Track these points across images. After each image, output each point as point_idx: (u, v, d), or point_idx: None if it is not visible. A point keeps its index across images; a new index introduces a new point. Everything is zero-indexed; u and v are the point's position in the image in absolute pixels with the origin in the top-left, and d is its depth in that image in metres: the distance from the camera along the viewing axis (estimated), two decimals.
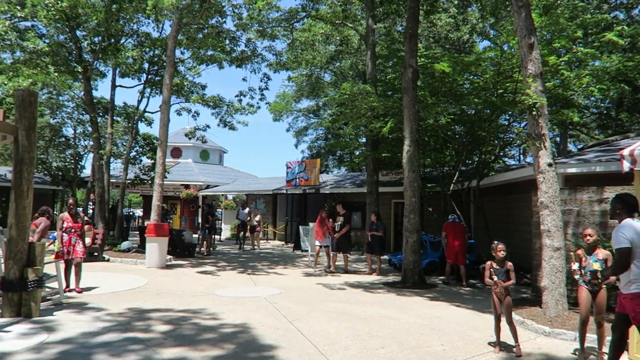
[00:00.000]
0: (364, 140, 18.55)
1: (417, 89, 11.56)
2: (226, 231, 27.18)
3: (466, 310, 8.15)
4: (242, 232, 19.50)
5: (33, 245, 6.80)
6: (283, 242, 23.51)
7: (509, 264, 5.56)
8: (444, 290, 10.27)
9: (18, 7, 14.17)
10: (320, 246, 13.09)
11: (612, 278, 4.94)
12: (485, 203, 14.45)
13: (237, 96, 19.45)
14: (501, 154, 16.03)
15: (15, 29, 15.05)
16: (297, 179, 22.20)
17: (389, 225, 19.29)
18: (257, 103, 19.41)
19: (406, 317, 7.35)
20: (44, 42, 15.77)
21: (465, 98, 13.03)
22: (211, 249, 17.00)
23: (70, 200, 8.91)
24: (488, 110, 13.17)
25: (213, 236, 17.82)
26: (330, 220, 13.14)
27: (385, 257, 14.53)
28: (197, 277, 11.31)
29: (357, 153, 22.78)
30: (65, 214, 8.66)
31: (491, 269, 5.64)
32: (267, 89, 18.97)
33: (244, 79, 38.36)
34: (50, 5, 13.46)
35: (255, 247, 18.34)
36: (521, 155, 29.18)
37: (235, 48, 16.87)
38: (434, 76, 12.78)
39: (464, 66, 12.36)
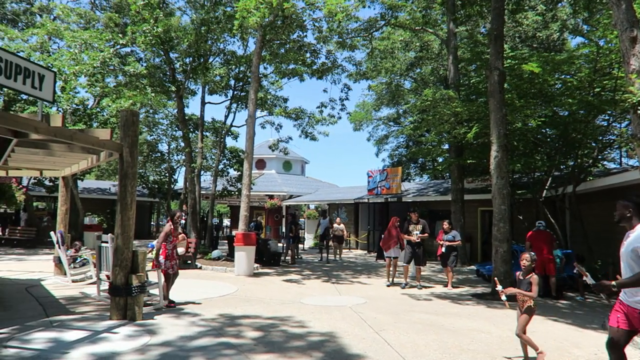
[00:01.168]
0: (447, 147, 18.11)
1: (504, 92, 11.09)
2: (309, 240, 27.62)
3: (564, 325, 7.63)
4: (325, 242, 19.71)
5: (136, 254, 7.35)
6: (365, 251, 23.43)
7: (534, 277, 5.31)
8: (538, 303, 9.68)
9: (120, 35, 15.52)
10: (390, 257, 11.90)
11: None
12: (583, 210, 13.47)
13: (318, 107, 19.85)
14: (600, 157, 14.91)
15: (118, 55, 16.48)
16: (379, 188, 22.09)
17: (476, 234, 18.58)
18: (338, 113, 19.67)
19: (498, 331, 7.02)
20: (142, 65, 17.11)
21: (557, 99, 12.31)
22: (295, 257, 17.36)
23: (177, 214, 8.82)
24: (583, 111, 12.33)
25: (297, 245, 18.19)
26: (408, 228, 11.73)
27: (473, 267, 13.99)
28: (283, 285, 11.59)
29: (440, 160, 22.26)
30: (171, 226, 8.53)
31: (518, 279, 5.51)
32: (347, 99, 19.17)
33: (324, 90, 38.71)
34: (147, 31, 14.60)
35: (338, 256, 18.46)
36: (623, 158, 26.91)
37: (315, 60, 17.23)
38: (522, 77, 12.22)
39: (554, 65, 11.70)
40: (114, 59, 15.62)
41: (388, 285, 11.57)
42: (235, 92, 19.78)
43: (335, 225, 19.34)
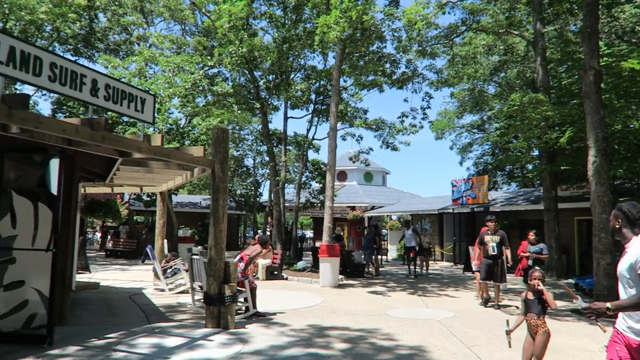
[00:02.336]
0: (537, 153, 17.15)
1: (600, 92, 10.35)
2: (392, 252, 27.27)
3: None
4: (410, 254, 19.36)
5: (228, 265, 7.68)
6: (451, 263, 22.70)
7: (549, 295, 4.70)
8: None
9: (208, 57, 16.46)
10: (479, 271, 10.60)
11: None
12: None
13: (399, 117, 19.65)
14: None
15: (207, 76, 17.46)
16: (464, 198, 21.36)
17: (572, 245, 17.35)
18: (420, 122, 19.36)
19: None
20: (229, 84, 18.00)
21: None
22: (379, 269, 17.21)
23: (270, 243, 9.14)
24: None
25: (380, 257, 18.04)
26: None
27: (571, 280, 13.06)
28: (368, 297, 11.54)
29: (530, 167, 21.10)
30: (260, 250, 8.93)
31: (525, 300, 4.89)
32: (429, 107, 18.81)
33: (405, 100, 38.23)
34: (233, 52, 15.35)
35: (424, 268, 18.04)
36: None
37: (395, 70, 17.14)
38: (621, 76, 11.33)
39: None
40: (203, 80, 16.57)
41: (481, 305, 10.30)
42: (316, 106, 20.17)
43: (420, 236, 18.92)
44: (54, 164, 6.25)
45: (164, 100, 16.09)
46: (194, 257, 9.04)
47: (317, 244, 22.97)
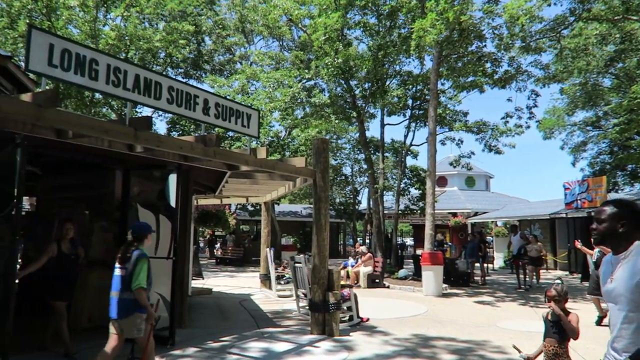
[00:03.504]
0: None
1: None
2: (499, 260, 25.91)
3: None
4: (518, 262, 18.25)
5: (331, 272, 7.81)
6: (566, 272, 21.01)
7: (570, 319, 3.86)
8: None
9: (306, 71, 16.95)
10: None
11: None
12: None
13: (502, 118, 18.71)
14: None
15: (305, 88, 17.99)
16: (579, 201, 19.71)
17: None
18: (526, 122, 18.27)
19: None
20: (325, 95, 18.38)
21: None
22: (485, 278, 16.44)
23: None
24: None
25: (486, 265, 17.23)
26: None
27: None
28: (475, 307, 11.06)
29: None
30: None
31: (545, 321, 4.11)
32: (535, 106, 17.67)
33: (508, 100, 36.33)
34: (329, 63, 15.67)
35: (534, 278, 16.90)
36: None
37: (497, 69, 16.38)
38: None
39: None
40: (301, 93, 17.09)
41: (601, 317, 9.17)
42: (413, 111, 19.88)
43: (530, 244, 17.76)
44: (172, 179, 6.82)
45: (265, 114, 16.83)
46: (298, 264, 9.31)
47: (418, 251, 22.53)
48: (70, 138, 5.21)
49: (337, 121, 17.54)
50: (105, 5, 19.17)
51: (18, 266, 7.61)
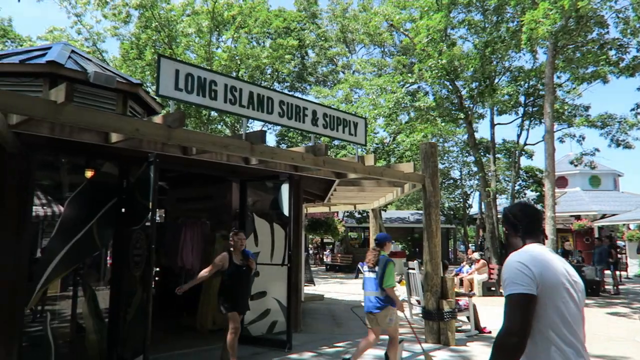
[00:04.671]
0: None
1: None
2: (633, 266, 23.27)
3: None
4: None
5: (444, 279, 7.59)
6: None
7: None
8: None
9: (409, 75, 16.76)
10: None
11: None
12: None
13: (632, 110, 16.87)
14: None
15: (408, 93, 17.78)
16: None
17: None
18: None
19: None
20: (430, 98, 18.00)
21: None
22: (618, 287, 14.87)
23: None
24: None
25: (619, 272, 15.59)
26: None
27: None
28: (608, 318, 10.05)
29: None
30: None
31: None
32: None
33: (639, 89, 32.68)
34: (433, 66, 15.34)
35: None
36: None
37: (623, 57, 14.83)
38: None
39: None
40: (405, 98, 16.92)
41: None
42: (526, 109, 18.69)
43: None
44: (285, 188, 7.11)
45: (370, 121, 16.89)
46: (411, 271, 9.18)
47: None
48: (194, 154, 5.68)
49: (443, 124, 17.07)
50: (217, 30, 20.62)
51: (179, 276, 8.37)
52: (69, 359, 5.76)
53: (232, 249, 5.87)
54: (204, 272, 5.78)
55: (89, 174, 5.96)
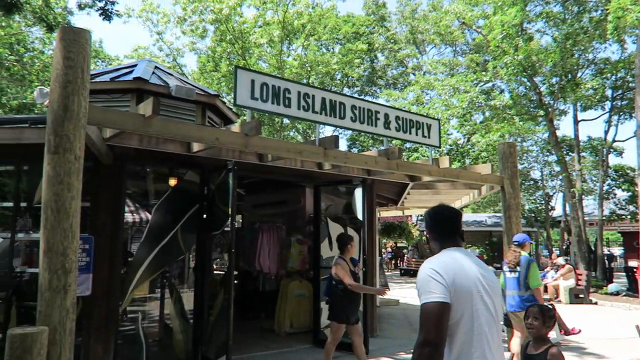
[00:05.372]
0: None
1: None
2: None
3: None
4: None
5: None
6: None
7: (555, 351, 2.94)
8: None
9: (483, 73, 16.21)
10: None
11: None
12: None
13: None
14: None
15: (483, 92, 17.20)
16: None
17: None
18: None
19: None
20: (506, 96, 17.28)
21: None
22: None
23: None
24: None
25: None
26: None
27: None
28: None
29: None
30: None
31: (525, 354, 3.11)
32: None
33: None
34: (509, 62, 14.73)
35: None
36: None
37: None
38: None
39: None
40: (479, 97, 16.37)
41: None
42: (614, 103, 17.44)
43: None
44: (358, 193, 7.12)
45: (443, 122, 16.51)
46: None
47: (631, 263, 19.47)
48: (269, 161, 5.84)
49: (521, 122, 16.31)
50: (287, 38, 21.11)
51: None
52: (158, 357, 6.11)
53: (345, 255, 5.59)
54: (353, 282, 5.39)
55: (173, 182, 6.30)
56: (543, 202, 25.90)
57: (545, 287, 13.50)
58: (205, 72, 21.55)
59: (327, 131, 28.86)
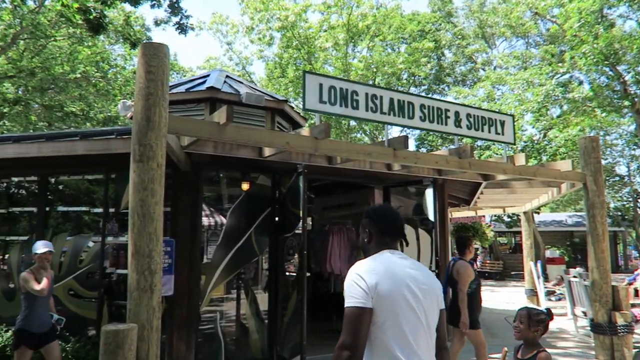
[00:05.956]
0: None
1: None
2: None
3: None
4: None
5: (616, 289, 6.75)
6: None
7: (544, 355, 2.84)
8: None
9: (559, 64, 15.36)
10: None
11: None
12: None
13: None
14: None
15: (559, 84, 16.29)
16: None
17: None
18: None
19: None
20: (585, 88, 16.25)
21: None
22: None
23: None
24: None
25: None
26: None
27: None
28: None
29: None
30: None
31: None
32: None
33: None
34: (588, 52, 13.85)
35: None
36: None
37: None
38: None
39: None
40: (556, 90, 15.52)
41: None
42: None
43: None
44: (429, 193, 6.99)
45: (516, 118, 15.80)
46: (574, 279, 8.37)
47: None
48: (338, 163, 5.88)
49: (604, 115, 15.25)
50: (352, 41, 21.14)
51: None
52: (236, 355, 6.33)
53: (465, 257, 5.58)
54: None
55: (245, 186, 6.52)
56: (631, 199, 24.06)
57: (636, 291, 12.54)
58: (273, 78, 22.06)
59: (394, 132, 28.57)
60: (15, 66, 16.02)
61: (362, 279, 1.97)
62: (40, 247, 4.69)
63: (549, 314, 3.05)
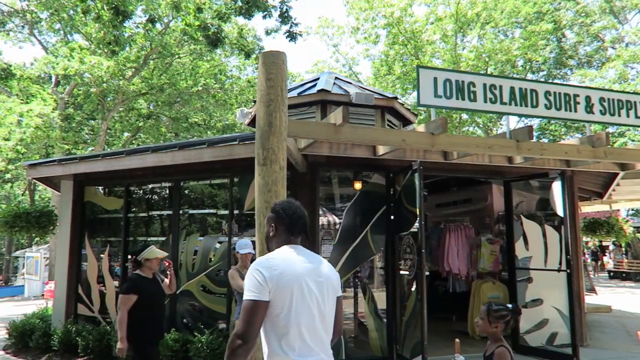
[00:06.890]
0: None
1: None
2: None
3: None
4: None
5: None
6: None
7: (500, 350, 2.83)
8: None
9: None
10: None
11: None
12: None
13: None
14: None
15: None
16: None
17: None
18: None
19: None
20: None
21: None
22: None
23: None
24: None
25: None
26: None
27: None
28: None
29: None
30: None
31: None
32: None
33: None
34: None
35: None
36: None
37: None
38: None
39: None
40: None
41: None
42: None
43: None
44: (556, 186, 6.46)
45: None
46: None
47: None
48: (454, 158, 5.68)
49: None
50: (461, 31, 20.31)
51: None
52: (356, 353, 6.39)
53: None
54: None
55: (360, 185, 6.57)
56: None
57: None
58: (380, 76, 21.94)
59: (511, 122, 26.99)
60: (147, 84, 17.79)
61: (260, 273, 2.07)
62: (242, 247, 4.92)
63: (512, 311, 2.96)
